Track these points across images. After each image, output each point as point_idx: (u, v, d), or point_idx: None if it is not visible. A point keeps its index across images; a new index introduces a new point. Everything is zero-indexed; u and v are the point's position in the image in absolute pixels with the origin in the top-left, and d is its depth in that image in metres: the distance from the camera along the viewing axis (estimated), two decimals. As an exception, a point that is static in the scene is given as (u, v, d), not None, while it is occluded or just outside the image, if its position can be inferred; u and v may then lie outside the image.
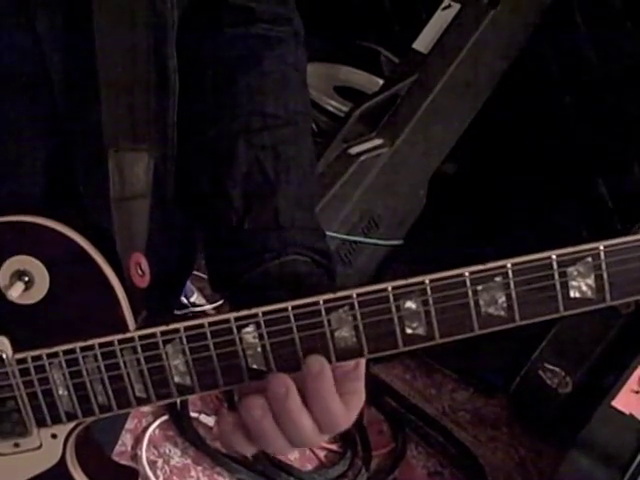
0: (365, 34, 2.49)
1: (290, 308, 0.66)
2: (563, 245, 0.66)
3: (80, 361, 0.69)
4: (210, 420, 2.02)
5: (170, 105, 0.80)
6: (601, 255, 0.64)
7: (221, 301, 2.30)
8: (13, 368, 0.70)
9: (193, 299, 2.25)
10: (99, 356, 0.69)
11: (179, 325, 0.67)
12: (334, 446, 2.08)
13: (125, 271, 0.72)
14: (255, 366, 0.68)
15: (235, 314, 0.66)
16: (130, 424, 1.96)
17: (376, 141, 2.15)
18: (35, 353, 0.69)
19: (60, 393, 0.70)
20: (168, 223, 0.85)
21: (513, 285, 0.65)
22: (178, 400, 2.13)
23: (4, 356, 0.70)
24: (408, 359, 2.28)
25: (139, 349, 0.68)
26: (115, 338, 0.68)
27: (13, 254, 0.69)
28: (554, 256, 0.65)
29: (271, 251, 0.78)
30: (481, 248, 2.10)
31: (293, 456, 2.04)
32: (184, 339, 0.67)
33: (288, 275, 0.78)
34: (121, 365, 0.69)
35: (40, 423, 0.72)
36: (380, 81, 2.37)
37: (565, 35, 2.31)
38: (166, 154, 0.82)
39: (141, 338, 0.68)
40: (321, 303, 0.66)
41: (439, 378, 2.28)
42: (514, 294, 0.65)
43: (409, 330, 0.66)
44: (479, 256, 0.67)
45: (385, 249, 2.31)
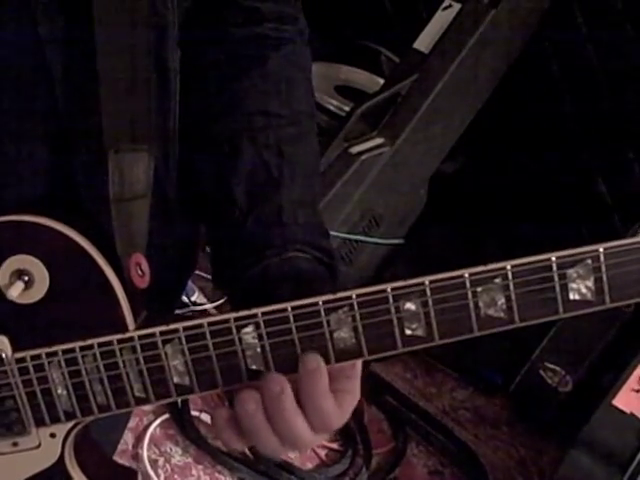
0: (366, 34, 2.49)
1: (290, 309, 0.66)
2: (564, 244, 0.66)
3: (79, 360, 0.69)
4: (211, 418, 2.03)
5: (171, 105, 0.80)
6: (601, 257, 0.64)
7: (222, 300, 2.31)
8: (12, 367, 0.70)
9: (194, 298, 2.25)
10: (98, 356, 0.69)
11: (178, 325, 0.67)
12: (335, 445, 2.08)
13: (125, 271, 0.72)
14: (254, 366, 0.68)
15: (234, 314, 0.66)
16: (131, 423, 1.96)
17: (377, 140, 2.16)
18: (34, 352, 0.69)
19: (59, 392, 0.70)
20: (169, 223, 0.85)
21: (513, 287, 0.65)
22: (178, 399, 2.11)
23: (3, 355, 0.70)
24: (408, 358, 2.29)
25: (138, 349, 0.68)
26: (114, 338, 0.68)
27: (13, 253, 0.69)
28: (554, 258, 0.65)
29: (273, 248, 0.78)
30: (481, 247, 2.10)
31: (294, 454, 2.04)
32: (183, 339, 0.67)
33: (289, 272, 0.78)
34: (120, 365, 0.69)
35: (39, 422, 0.72)
36: (381, 80, 2.37)
37: (565, 35, 2.31)
38: (168, 154, 0.82)
39: (140, 338, 0.68)
40: (320, 304, 0.66)
41: (439, 377, 2.28)
42: (514, 296, 0.65)
43: (408, 331, 0.66)
44: (479, 255, 0.67)
45: (386, 248, 2.31)
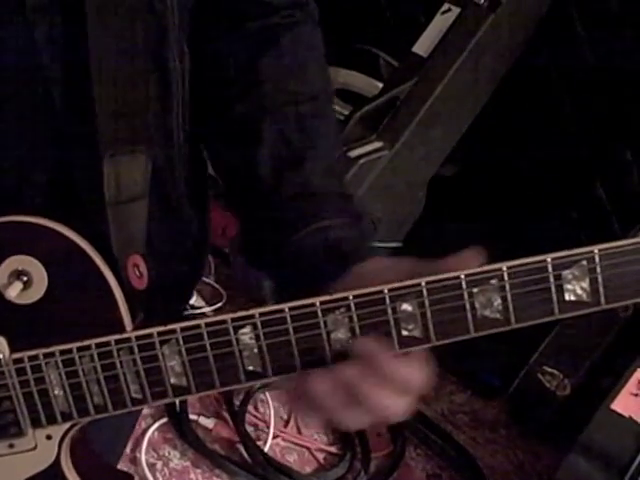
0: (364, 37, 2.49)
1: (287, 309, 0.66)
2: (562, 247, 0.66)
3: (77, 361, 0.69)
4: (209, 422, 2.02)
5: (173, 106, 0.80)
6: (596, 258, 0.64)
7: (220, 303, 2.31)
8: (10, 368, 0.70)
9: (192, 301, 2.25)
10: (96, 356, 0.69)
11: (176, 326, 0.67)
12: (333, 448, 2.08)
13: (123, 272, 0.72)
14: (251, 367, 0.68)
15: (232, 315, 0.66)
16: (129, 426, 1.96)
17: (376, 144, 2.16)
18: (32, 353, 0.69)
19: (56, 393, 0.70)
20: (171, 224, 0.85)
21: (509, 288, 0.65)
22: (177, 402, 2.10)
23: (1, 356, 0.70)
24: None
25: (136, 350, 0.68)
26: (112, 338, 0.68)
27: (12, 253, 0.69)
28: (549, 259, 0.65)
29: (305, 218, 0.79)
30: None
31: (292, 458, 2.04)
32: (181, 340, 0.67)
33: (324, 240, 0.78)
34: (117, 366, 0.69)
35: (35, 424, 0.72)
36: (379, 84, 2.37)
37: (563, 38, 2.32)
38: (171, 155, 0.82)
39: (138, 339, 0.68)
40: (318, 305, 0.66)
41: (438, 381, 2.28)
42: (510, 297, 0.65)
43: (405, 332, 0.66)
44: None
45: (384, 251, 2.31)
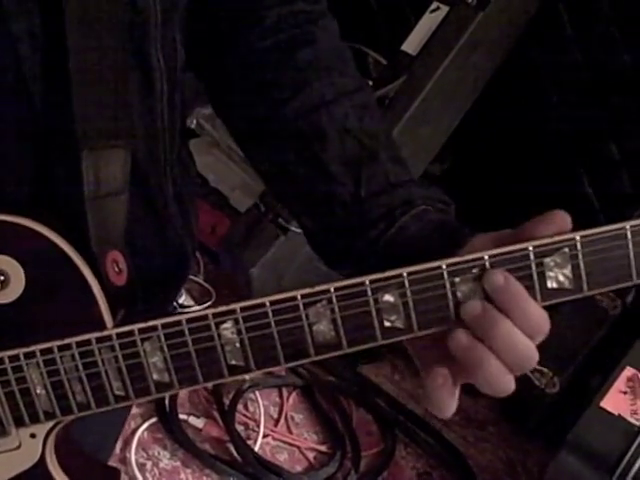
0: (352, 35, 2.48)
1: (268, 303, 0.66)
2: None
3: (57, 360, 0.68)
4: (199, 422, 2.02)
5: (156, 104, 0.79)
6: (577, 245, 0.64)
7: (209, 302, 2.31)
8: None
9: (181, 300, 2.25)
10: (77, 355, 0.68)
11: (157, 322, 0.67)
12: (323, 447, 2.09)
13: (102, 269, 0.71)
14: (234, 362, 0.67)
15: (213, 310, 0.66)
16: (118, 426, 1.96)
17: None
18: (12, 353, 0.69)
19: (38, 392, 0.70)
20: (154, 222, 0.84)
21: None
22: (167, 401, 2.09)
23: (-19, 357, 0.69)
24: (397, 360, 2.29)
25: (117, 347, 0.68)
26: (92, 336, 0.68)
27: (-11, 253, 0.68)
28: (531, 247, 0.65)
29: (399, 207, 0.77)
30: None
31: (282, 457, 2.04)
32: (162, 336, 0.67)
33: (426, 225, 0.77)
34: (99, 363, 0.68)
35: (18, 423, 0.71)
36: (368, 82, 2.37)
37: (552, 37, 2.32)
38: (155, 154, 0.81)
39: (119, 336, 0.67)
40: (299, 298, 0.66)
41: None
42: None
43: (387, 323, 0.66)
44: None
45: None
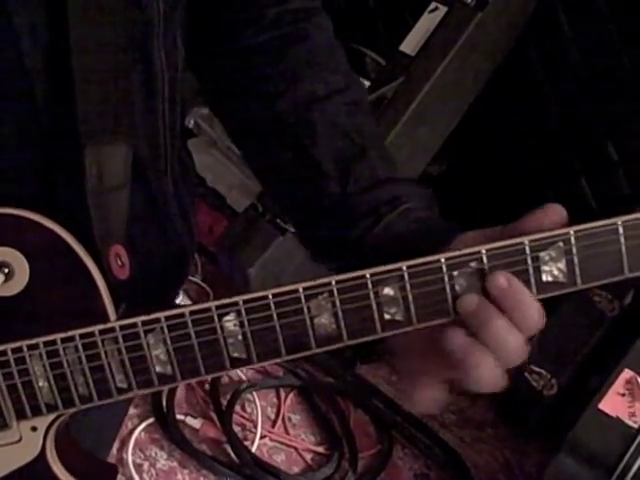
0: (350, 35, 2.48)
1: (270, 296, 0.66)
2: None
3: (61, 352, 0.68)
4: (196, 422, 2.02)
5: (158, 101, 0.79)
6: (572, 239, 0.66)
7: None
8: None
9: (178, 300, 2.24)
10: (80, 347, 0.68)
11: (160, 314, 0.67)
12: (321, 448, 2.09)
13: (105, 262, 0.72)
14: (236, 354, 0.68)
15: (216, 302, 0.66)
16: (115, 426, 1.96)
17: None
18: (15, 345, 0.69)
19: (40, 385, 0.70)
20: (154, 218, 0.85)
21: (488, 270, 0.66)
22: (164, 402, 2.09)
23: (-17, 349, 0.69)
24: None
25: (120, 339, 0.68)
26: (96, 328, 0.68)
27: (-7, 246, 0.69)
28: (526, 241, 0.66)
29: (385, 204, 0.78)
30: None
31: (280, 458, 2.04)
32: (165, 328, 0.67)
33: (412, 223, 0.77)
34: (102, 356, 0.68)
35: (20, 416, 0.71)
36: (366, 83, 2.37)
37: (550, 38, 2.33)
38: (156, 151, 0.82)
39: (122, 328, 0.68)
40: (301, 291, 0.66)
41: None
42: None
43: (387, 316, 0.67)
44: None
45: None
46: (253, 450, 2.01)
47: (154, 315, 0.67)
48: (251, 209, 2.26)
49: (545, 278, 0.66)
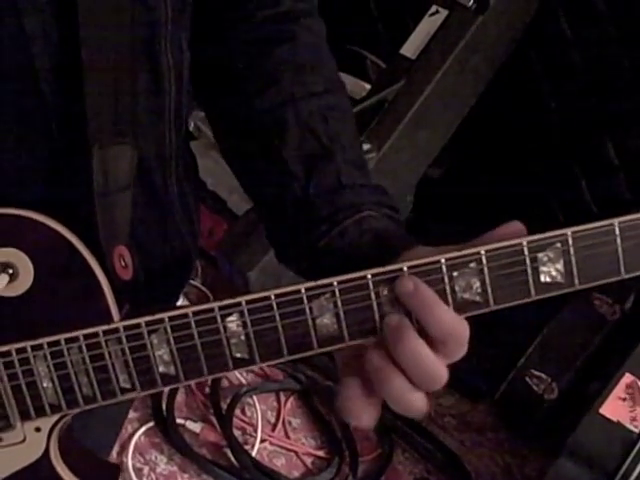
0: (351, 38, 2.48)
1: (273, 297, 0.67)
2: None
3: (65, 352, 0.69)
4: (196, 426, 2.02)
5: (165, 103, 0.80)
6: (569, 241, 0.66)
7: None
8: None
9: (179, 303, 2.24)
10: (84, 347, 0.68)
11: (164, 315, 0.67)
12: (321, 452, 2.09)
13: (109, 263, 0.72)
14: (239, 354, 0.68)
15: (219, 303, 0.67)
16: (115, 430, 1.95)
17: (364, 146, 2.15)
18: (19, 345, 0.69)
19: (44, 385, 0.70)
20: (158, 220, 0.85)
21: (487, 271, 0.67)
22: (164, 405, 2.08)
23: (-13, 349, 0.69)
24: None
25: (124, 340, 0.68)
26: (100, 329, 0.68)
27: (-3, 246, 0.69)
28: (525, 242, 0.67)
29: (343, 210, 0.79)
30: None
31: (280, 462, 2.04)
32: (169, 329, 0.67)
33: (366, 232, 0.78)
34: (106, 356, 0.69)
35: (24, 416, 0.72)
36: (367, 86, 2.37)
37: (550, 39, 2.33)
38: (162, 152, 0.82)
39: (126, 328, 0.68)
40: (303, 291, 0.67)
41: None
42: (488, 279, 0.67)
43: None
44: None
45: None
46: (253, 454, 2.01)
47: (158, 315, 0.67)
48: (251, 212, 2.25)
49: (543, 279, 0.67)
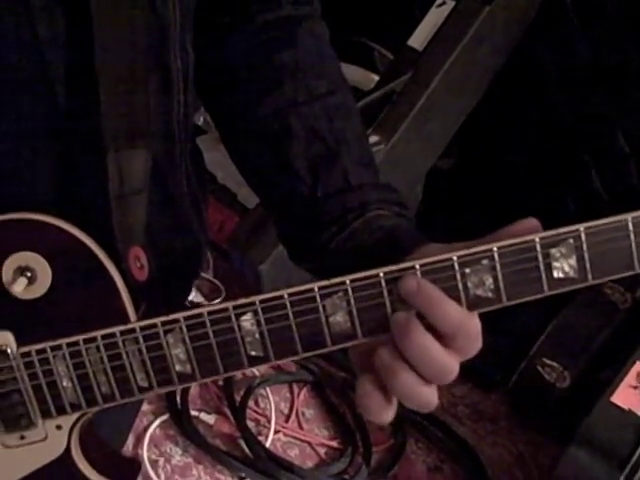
0: (360, 30, 2.47)
1: (286, 295, 0.68)
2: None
3: (83, 353, 0.70)
4: (210, 418, 2.03)
5: (174, 105, 0.81)
6: (582, 236, 0.67)
7: (219, 299, 2.32)
8: (18, 362, 0.71)
9: (191, 297, 2.25)
10: (102, 347, 0.70)
11: (179, 315, 0.69)
12: (334, 443, 2.09)
13: (125, 264, 0.73)
14: (254, 353, 0.69)
15: (233, 303, 0.68)
16: (131, 423, 1.97)
17: (372, 138, 2.15)
18: (39, 346, 0.71)
19: (64, 384, 0.71)
20: (170, 218, 0.86)
21: (499, 267, 0.67)
22: (178, 398, 2.10)
23: (9, 350, 0.71)
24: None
25: (140, 339, 0.69)
26: (117, 329, 0.70)
27: (16, 250, 0.70)
28: (537, 238, 0.67)
29: (352, 211, 0.80)
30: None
31: (293, 453, 2.05)
32: (184, 328, 0.69)
33: (377, 231, 0.78)
34: (123, 355, 0.70)
35: (45, 415, 0.73)
36: (376, 77, 2.37)
37: (559, 31, 2.32)
38: (172, 152, 0.83)
39: (142, 329, 0.69)
40: (316, 290, 0.68)
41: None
42: (500, 276, 0.67)
43: None
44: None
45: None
46: (267, 445, 2.02)
47: (173, 316, 0.69)
48: (262, 206, 2.26)
49: (556, 274, 0.67)
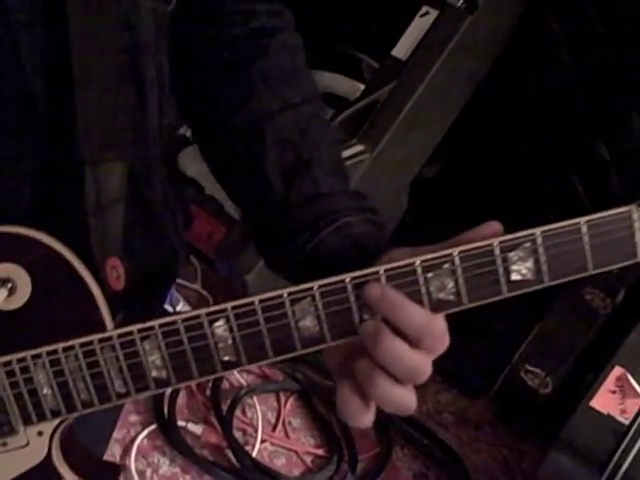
0: (347, 40, 2.46)
1: (257, 302, 0.69)
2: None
3: (62, 361, 0.72)
4: (198, 428, 2.03)
5: (149, 117, 0.82)
6: (538, 240, 0.68)
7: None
8: None
9: (179, 307, 2.26)
10: (80, 355, 0.71)
11: (154, 322, 0.70)
12: (320, 451, 2.10)
13: (102, 275, 0.75)
14: (227, 358, 0.71)
15: (206, 310, 0.70)
16: (118, 434, 1.97)
17: (357, 147, 2.15)
18: (20, 355, 0.72)
19: (44, 392, 0.73)
20: (147, 227, 0.87)
21: (460, 271, 0.69)
22: (165, 408, 2.09)
23: (-11, 359, 0.72)
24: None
25: (118, 347, 0.71)
26: (95, 337, 0.71)
27: (-3, 262, 0.72)
28: (496, 243, 0.69)
29: (323, 219, 0.81)
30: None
31: (280, 462, 2.05)
32: (159, 335, 0.70)
33: (346, 238, 0.80)
34: (101, 363, 0.71)
35: (26, 422, 0.74)
36: (362, 87, 2.37)
37: (539, 38, 2.34)
38: (148, 162, 0.84)
39: (119, 336, 0.71)
40: (285, 295, 0.69)
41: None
42: (461, 280, 0.69)
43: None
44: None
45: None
46: (254, 455, 2.02)
47: (149, 323, 0.70)
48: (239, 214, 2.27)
49: (514, 277, 0.69)
